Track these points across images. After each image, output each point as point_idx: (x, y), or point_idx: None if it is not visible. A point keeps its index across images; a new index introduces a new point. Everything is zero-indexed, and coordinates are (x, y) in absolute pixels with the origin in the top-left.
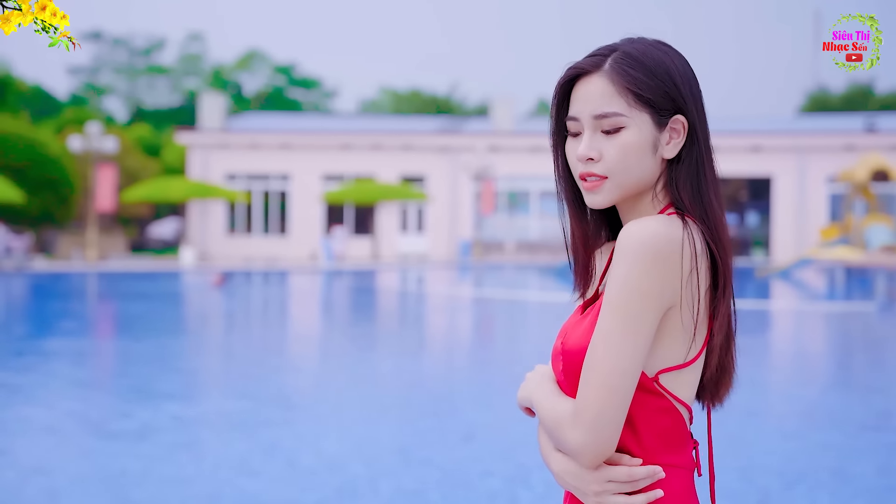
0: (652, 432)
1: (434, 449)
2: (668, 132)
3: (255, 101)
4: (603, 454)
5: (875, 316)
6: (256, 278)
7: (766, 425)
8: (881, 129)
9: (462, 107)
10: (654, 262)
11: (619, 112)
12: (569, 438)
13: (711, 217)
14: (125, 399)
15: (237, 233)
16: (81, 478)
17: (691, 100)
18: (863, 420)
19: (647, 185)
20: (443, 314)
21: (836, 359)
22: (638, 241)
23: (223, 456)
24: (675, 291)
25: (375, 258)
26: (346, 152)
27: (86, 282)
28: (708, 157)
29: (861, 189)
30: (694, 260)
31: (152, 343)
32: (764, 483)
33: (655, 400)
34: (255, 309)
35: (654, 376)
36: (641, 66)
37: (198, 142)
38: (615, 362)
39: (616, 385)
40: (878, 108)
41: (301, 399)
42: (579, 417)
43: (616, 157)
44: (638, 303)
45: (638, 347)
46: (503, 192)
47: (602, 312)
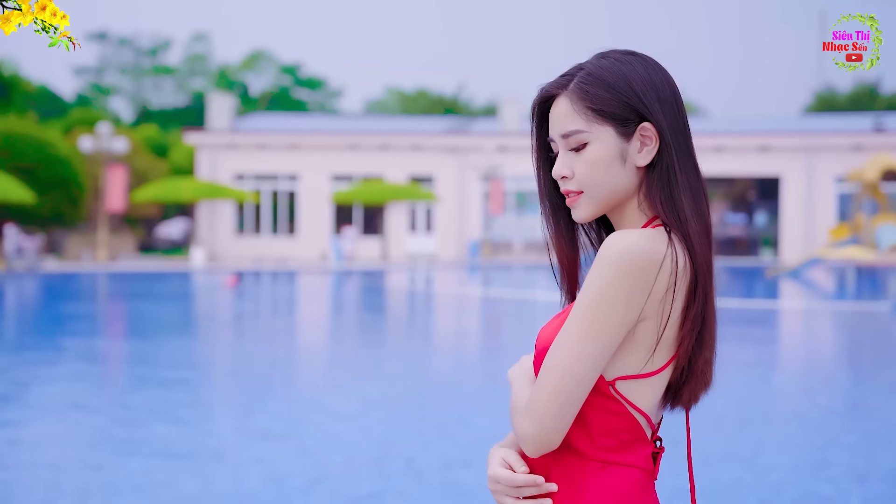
0: (603, 432)
1: (433, 447)
2: (637, 141)
3: (261, 102)
4: (544, 448)
5: (889, 315)
6: (269, 279)
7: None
8: (889, 128)
9: (469, 107)
10: (626, 274)
11: (579, 129)
12: (517, 425)
13: (683, 221)
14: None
15: (246, 233)
16: (85, 482)
17: (657, 106)
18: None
19: (624, 194)
20: (459, 314)
21: (857, 358)
22: (614, 252)
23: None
24: (645, 306)
25: (385, 258)
26: (355, 152)
27: (101, 282)
28: (682, 161)
29: (871, 189)
30: (673, 277)
31: (189, 345)
32: (769, 480)
33: (610, 403)
34: (277, 310)
35: (612, 381)
36: (600, 82)
37: (206, 142)
38: (569, 366)
39: (566, 388)
40: (885, 108)
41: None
42: (529, 410)
43: (584, 171)
44: (603, 311)
45: (595, 355)
46: (511, 193)
47: (570, 315)
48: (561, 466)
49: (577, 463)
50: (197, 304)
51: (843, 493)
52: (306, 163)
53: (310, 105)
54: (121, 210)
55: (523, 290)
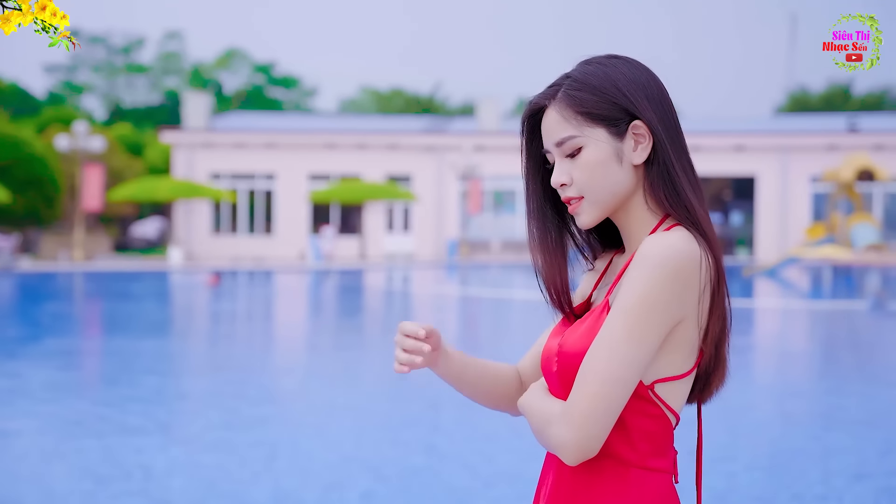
0: (642, 437)
1: (411, 447)
2: (630, 139)
3: (235, 100)
4: (585, 454)
5: (868, 314)
6: (249, 278)
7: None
8: (863, 128)
9: (445, 106)
10: (672, 277)
11: (572, 135)
12: (554, 434)
13: (693, 214)
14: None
15: (222, 233)
16: (50, 481)
17: (646, 103)
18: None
19: (624, 194)
20: (439, 313)
21: (837, 357)
22: (659, 255)
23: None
24: (686, 307)
25: (363, 258)
26: (332, 152)
27: (80, 282)
28: (678, 156)
29: (846, 188)
30: (707, 275)
31: (169, 345)
32: (751, 482)
33: (649, 407)
34: (261, 309)
35: (650, 385)
36: (586, 86)
37: (182, 141)
38: (614, 368)
39: (610, 391)
40: (858, 109)
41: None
42: (568, 415)
43: (582, 176)
44: (648, 314)
45: (639, 357)
46: (489, 192)
47: (610, 318)
48: (604, 476)
49: (620, 471)
50: (181, 304)
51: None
52: (283, 162)
53: (284, 104)
54: (98, 209)
55: (501, 289)
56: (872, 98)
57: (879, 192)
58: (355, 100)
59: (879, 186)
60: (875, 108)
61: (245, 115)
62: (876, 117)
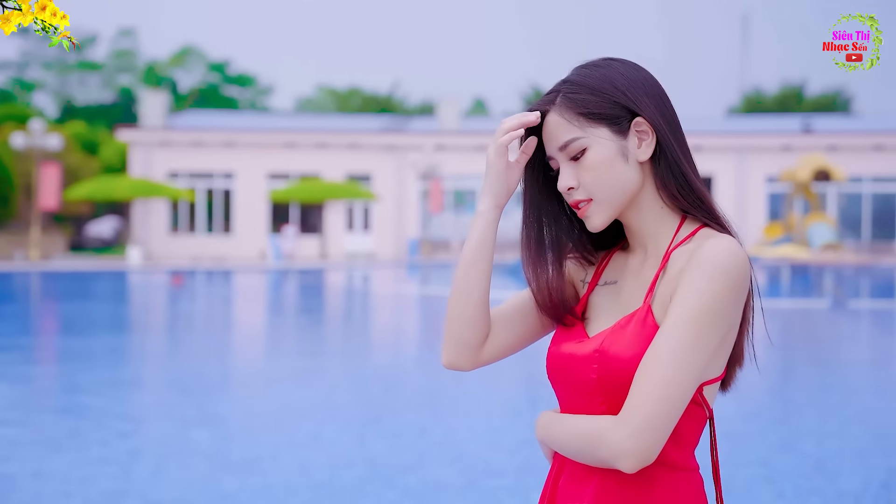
0: (689, 440)
1: (374, 446)
2: (634, 137)
3: (189, 98)
4: (646, 461)
5: (829, 312)
6: (212, 278)
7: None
8: (817, 129)
9: (404, 105)
10: (737, 284)
11: (575, 137)
12: (610, 444)
13: (712, 211)
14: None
15: (180, 232)
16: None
17: (645, 100)
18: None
19: (632, 192)
20: (400, 312)
21: (802, 356)
22: (725, 263)
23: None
24: (739, 312)
25: (323, 257)
26: (291, 151)
27: (39, 283)
28: (682, 149)
29: (803, 188)
30: (753, 278)
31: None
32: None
33: (698, 410)
34: (233, 311)
35: (700, 388)
36: (584, 88)
37: (139, 139)
38: (678, 373)
39: (673, 395)
40: (811, 110)
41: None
42: (627, 422)
43: (590, 177)
44: (714, 320)
45: (701, 363)
46: (449, 191)
47: (673, 323)
48: (657, 483)
49: (671, 476)
50: (149, 306)
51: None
52: (242, 161)
53: (240, 102)
54: (55, 208)
55: None
56: (825, 99)
57: (833, 191)
58: (312, 99)
59: (834, 186)
60: (827, 110)
61: (203, 113)
62: (829, 118)
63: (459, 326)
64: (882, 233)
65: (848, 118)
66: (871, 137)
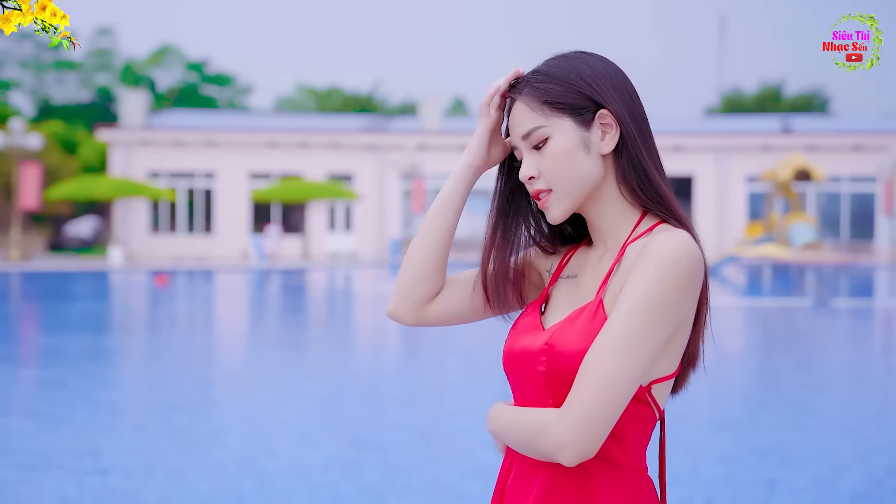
0: (634, 440)
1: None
2: (598, 129)
3: (168, 97)
4: (586, 454)
5: (812, 311)
6: (197, 279)
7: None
8: (796, 129)
9: (384, 105)
10: (685, 278)
11: (538, 125)
12: (551, 437)
13: (671, 207)
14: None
15: (161, 232)
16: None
17: (611, 92)
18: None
19: (593, 185)
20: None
21: (784, 354)
22: (673, 256)
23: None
24: (688, 308)
25: (306, 257)
26: (273, 150)
27: (20, 283)
28: (645, 145)
29: (784, 188)
30: (705, 274)
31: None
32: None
33: (641, 408)
34: (221, 310)
35: (648, 386)
36: (550, 78)
37: (119, 139)
38: (621, 366)
39: (617, 388)
40: (789, 110)
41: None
42: (568, 414)
43: (550, 166)
44: (660, 314)
45: (646, 356)
46: (431, 191)
47: (618, 316)
48: (597, 480)
49: (614, 474)
50: (136, 307)
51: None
52: (223, 160)
53: (219, 102)
54: (35, 208)
55: None
56: (803, 99)
57: (812, 191)
58: (292, 98)
59: (813, 186)
60: (805, 110)
61: (183, 112)
62: (808, 118)
63: (410, 277)
64: (860, 232)
65: (826, 118)
66: (849, 137)
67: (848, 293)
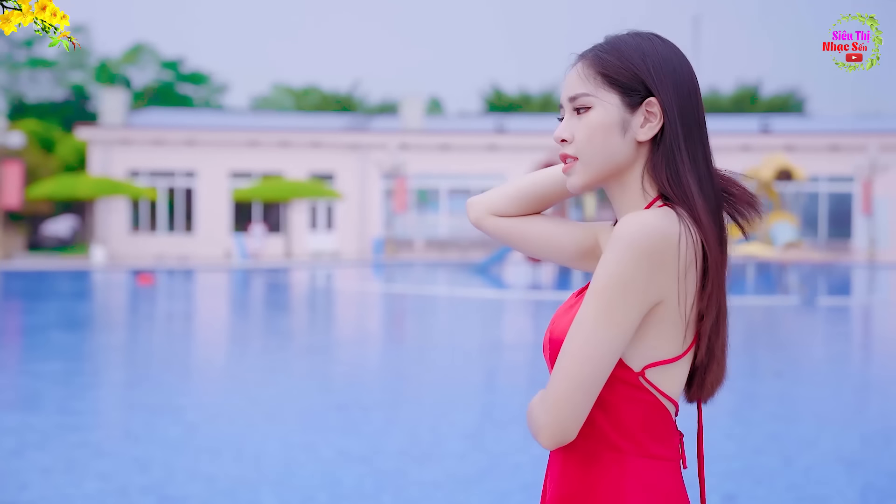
0: (639, 425)
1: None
2: (641, 115)
3: (145, 96)
4: (560, 439)
5: (798, 309)
6: (181, 277)
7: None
8: (775, 129)
9: (364, 104)
10: (644, 256)
11: (585, 92)
12: (533, 419)
13: (690, 201)
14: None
15: (141, 231)
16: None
17: (668, 84)
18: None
19: (619, 166)
20: (365, 310)
21: (775, 351)
22: (632, 234)
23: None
24: (665, 287)
25: (288, 256)
26: (254, 149)
27: (5, 282)
28: (689, 146)
29: (765, 188)
30: (690, 254)
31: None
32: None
33: (641, 394)
34: (212, 309)
35: (641, 371)
36: (614, 51)
37: (98, 137)
38: (586, 350)
39: (583, 374)
40: (766, 110)
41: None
42: (545, 400)
43: (583, 135)
44: (620, 294)
45: (612, 339)
46: (413, 190)
47: (584, 300)
48: (602, 465)
49: (618, 460)
50: (131, 307)
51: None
52: (204, 159)
53: (195, 101)
54: (17, 207)
55: (425, 286)
56: (779, 100)
57: (791, 191)
58: (268, 97)
59: (792, 186)
60: (781, 110)
61: (163, 111)
62: (786, 119)
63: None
64: (838, 231)
65: (803, 119)
66: (826, 138)
67: (834, 291)
